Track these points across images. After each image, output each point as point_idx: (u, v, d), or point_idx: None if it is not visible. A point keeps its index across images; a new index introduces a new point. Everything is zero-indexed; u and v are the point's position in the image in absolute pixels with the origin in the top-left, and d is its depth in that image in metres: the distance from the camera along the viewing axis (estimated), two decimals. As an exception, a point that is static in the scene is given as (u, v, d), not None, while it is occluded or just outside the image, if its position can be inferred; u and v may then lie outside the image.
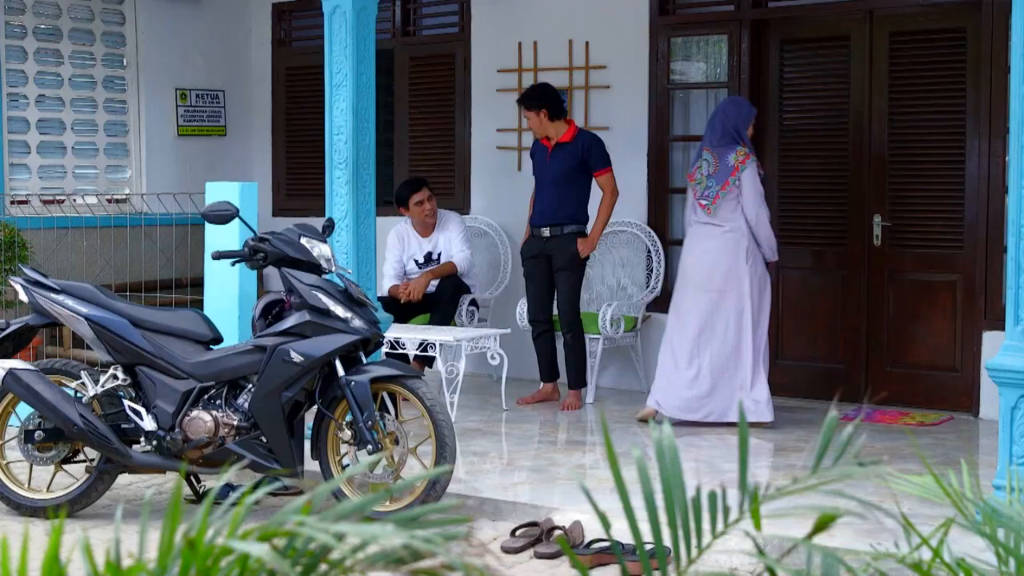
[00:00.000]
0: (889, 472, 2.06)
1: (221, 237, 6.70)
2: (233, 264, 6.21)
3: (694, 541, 1.90)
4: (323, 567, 1.71)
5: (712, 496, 1.91)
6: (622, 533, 1.96)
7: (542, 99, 8.24)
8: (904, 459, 6.63)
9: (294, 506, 1.74)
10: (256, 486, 1.92)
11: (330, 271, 5.90)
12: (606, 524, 1.90)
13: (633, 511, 1.88)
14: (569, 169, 8.23)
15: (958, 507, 2.29)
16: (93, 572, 1.63)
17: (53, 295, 5.96)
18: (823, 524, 1.84)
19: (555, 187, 8.28)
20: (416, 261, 9.03)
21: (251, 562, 1.68)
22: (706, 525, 1.91)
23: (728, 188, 7.42)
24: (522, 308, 8.67)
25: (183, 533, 1.67)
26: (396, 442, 5.70)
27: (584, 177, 8.29)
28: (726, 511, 1.91)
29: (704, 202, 7.50)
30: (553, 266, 8.34)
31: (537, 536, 5.50)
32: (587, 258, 8.39)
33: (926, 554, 2.30)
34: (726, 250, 7.46)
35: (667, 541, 1.91)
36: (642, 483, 1.87)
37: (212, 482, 6.21)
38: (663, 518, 1.89)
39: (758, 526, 1.90)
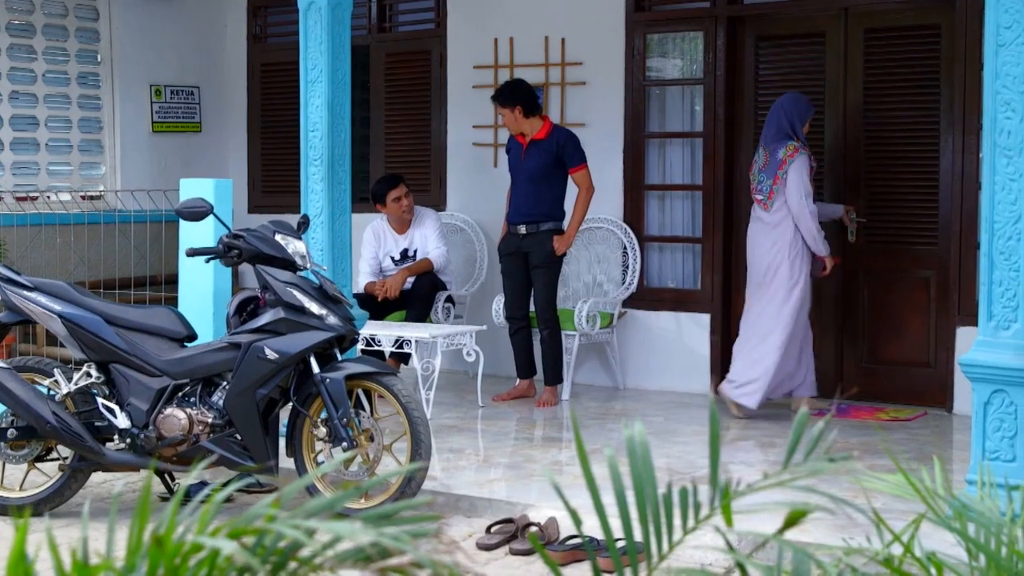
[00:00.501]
0: (860, 468, 2.06)
1: (195, 234, 6.67)
2: (207, 261, 6.19)
3: (665, 537, 1.90)
4: (292, 565, 1.70)
5: (683, 492, 1.91)
6: (596, 529, 1.96)
7: (516, 95, 8.22)
8: (878, 455, 6.66)
9: (264, 503, 1.73)
10: (227, 483, 1.92)
11: (305, 268, 5.87)
12: (577, 520, 1.90)
13: (603, 507, 1.88)
14: (544, 166, 8.22)
15: (927, 503, 2.30)
16: (59, 571, 1.62)
17: (26, 292, 5.92)
18: (794, 520, 1.85)
19: (531, 184, 8.27)
20: (392, 258, 9.01)
21: (220, 560, 1.67)
22: (677, 521, 1.91)
23: (778, 183, 7.51)
24: (498, 305, 8.67)
25: (152, 531, 1.66)
26: (371, 439, 5.69)
27: (560, 174, 8.28)
28: (697, 507, 1.91)
29: (759, 197, 7.63)
30: (529, 263, 8.34)
31: (512, 533, 5.50)
32: (563, 255, 8.39)
33: (897, 550, 2.31)
34: (770, 245, 7.58)
35: (639, 537, 1.91)
36: (612, 480, 1.87)
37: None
38: (635, 514, 1.89)
39: (729, 522, 1.90)
